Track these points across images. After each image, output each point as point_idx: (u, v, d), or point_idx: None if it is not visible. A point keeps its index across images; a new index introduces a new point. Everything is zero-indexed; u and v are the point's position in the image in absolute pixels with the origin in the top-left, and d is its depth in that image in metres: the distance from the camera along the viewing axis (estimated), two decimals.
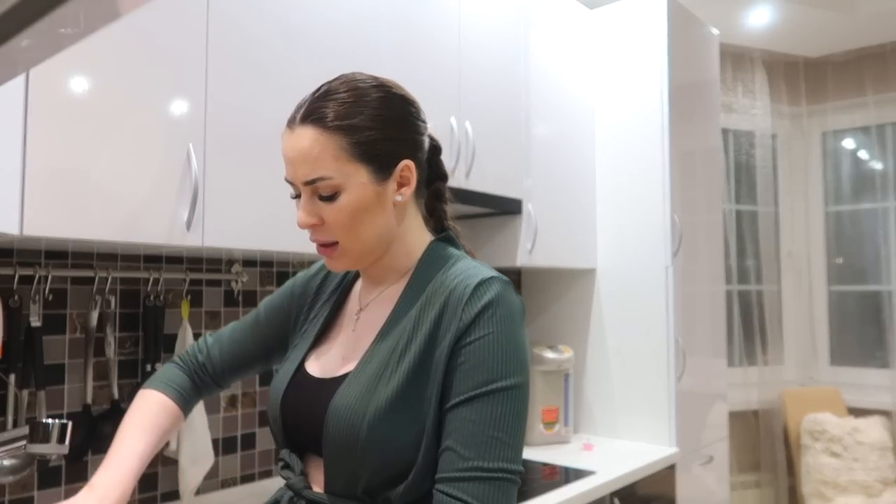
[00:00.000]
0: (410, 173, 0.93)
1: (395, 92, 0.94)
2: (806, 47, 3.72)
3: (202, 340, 1.13)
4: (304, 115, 0.89)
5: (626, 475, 2.07)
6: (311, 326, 1.05)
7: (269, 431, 1.91)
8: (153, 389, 1.07)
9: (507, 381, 0.84)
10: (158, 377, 1.09)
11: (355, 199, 0.89)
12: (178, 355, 1.14)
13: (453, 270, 0.92)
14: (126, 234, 1.26)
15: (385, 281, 0.99)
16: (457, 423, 0.83)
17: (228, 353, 1.11)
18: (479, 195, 2.06)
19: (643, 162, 2.51)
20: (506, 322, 0.86)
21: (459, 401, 0.84)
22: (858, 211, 3.73)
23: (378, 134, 0.89)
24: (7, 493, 1.42)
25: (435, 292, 0.91)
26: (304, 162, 0.88)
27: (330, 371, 0.96)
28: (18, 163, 1.13)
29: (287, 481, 0.94)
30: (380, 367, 0.88)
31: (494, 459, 0.81)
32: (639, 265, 2.50)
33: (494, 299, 0.86)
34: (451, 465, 0.82)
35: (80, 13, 0.30)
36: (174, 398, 1.07)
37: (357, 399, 0.86)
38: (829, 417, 3.38)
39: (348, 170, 0.88)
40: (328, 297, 1.07)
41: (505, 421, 0.83)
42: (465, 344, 0.85)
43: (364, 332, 0.97)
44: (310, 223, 0.91)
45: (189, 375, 1.10)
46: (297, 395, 0.96)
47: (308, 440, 0.93)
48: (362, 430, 0.84)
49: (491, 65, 2.15)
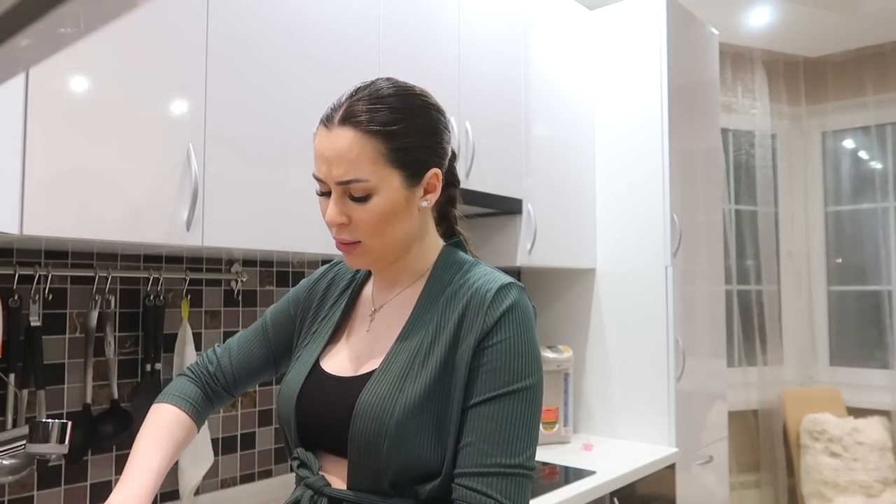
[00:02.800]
0: (437, 181, 0.96)
1: (430, 101, 0.97)
2: (806, 47, 3.72)
3: (211, 351, 1.15)
4: (343, 116, 0.90)
5: (626, 475, 2.07)
6: (323, 326, 1.06)
7: (268, 431, 1.91)
8: (166, 403, 1.07)
9: (526, 382, 0.89)
10: (170, 390, 1.09)
11: (386, 202, 0.91)
12: (188, 367, 1.15)
13: (472, 275, 0.96)
14: (126, 234, 1.26)
15: (399, 282, 1.02)
16: (478, 421, 0.87)
17: (238, 362, 1.12)
18: (479, 195, 2.06)
19: (643, 162, 2.51)
20: (524, 326, 0.91)
21: (481, 400, 0.88)
22: (858, 211, 3.73)
23: (414, 142, 0.92)
24: (7, 493, 1.42)
25: (454, 295, 0.95)
26: (341, 162, 0.89)
27: (347, 370, 0.97)
28: (18, 162, 1.13)
29: (305, 480, 0.94)
30: (405, 366, 0.91)
31: (514, 456, 0.86)
32: (638, 265, 2.50)
33: (514, 304, 0.91)
34: (473, 461, 0.86)
35: (80, 13, 0.30)
36: (187, 411, 1.07)
37: (384, 397, 0.88)
38: (828, 417, 3.38)
39: (383, 174, 0.90)
40: (337, 298, 1.08)
41: (523, 419, 0.88)
42: (487, 346, 0.89)
43: (381, 333, 0.99)
44: (338, 221, 0.92)
45: (201, 387, 1.11)
46: (315, 394, 0.97)
47: (326, 438, 0.94)
48: (390, 428, 0.86)
49: (491, 65, 2.15)
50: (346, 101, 0.92)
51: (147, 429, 1.03)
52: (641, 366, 2.47)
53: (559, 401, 2.43)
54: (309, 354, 1.02)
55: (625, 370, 2.51)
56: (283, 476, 1.93)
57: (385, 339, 0.98)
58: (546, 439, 2.40)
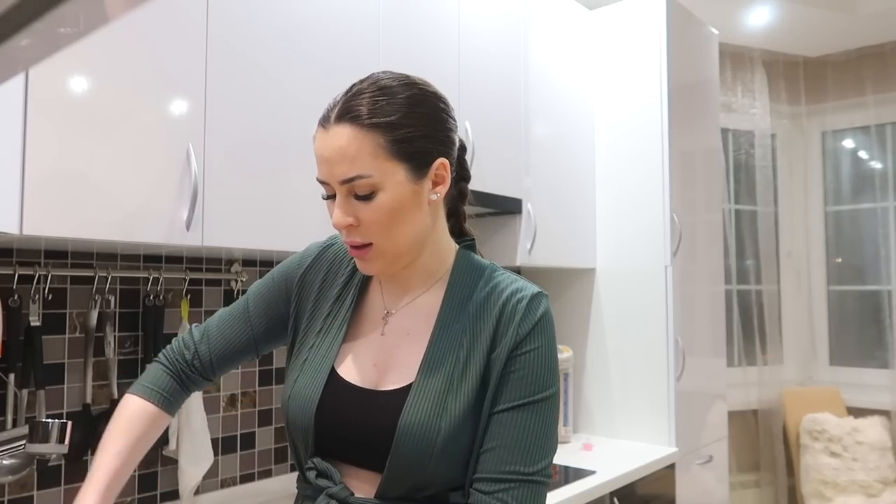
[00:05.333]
0: (445, 172, 0.92)
1: (428, 89, 0.93)
2: (805, 47, 3.72)
3: (188, 334, 1.08)
4: (339, 113, 0.87)
5: (626, 475, 2.07)
6: (331, 326, 1.00)
7: (268, 431, 1.91)
8: (134, 395, 1.04)
9: (550, 391, 0.90)
10: (141, 380, 1.06)
11: (393, 197, 0.87)
12: (163, 352, 1.09)
13: (497, 282, 0.96)
14: (126, 234, 1.26)
15: (413, 286, 0.98)
16: (501, 428, 0.88)
17: (217, 347, 1.06)
18: (478, 195, 2.06)
19: (643, 162, 2.51)
20: (551, 336, 0.93)
21: (507, 407, 0.89)
22: (858, 211, 3.73)
23: (415, 131, 0.88)
24: (7, 493, 1.42)
25: (484, 303, 0.94)
26: (342, 161, 0.86)
27: (369, 380, 0.93)
28: (18, 162, 1.13)
29: (327, 490, 0.91)
30: (445, 381, 0.89)
31: (532, 464, 0.87)
32: (638, 265, 2.50)
33: (545, 313, 0.93)
34: (492, 467, 0.87)
35: (80, 12, 0.30)
36: (156, 401, 1.03)
37: (429, 416, 0.87)
38: (828, 417, 3.38)
39: (386, 168, 0.87)
40: (340, 292, 1.02)
41: (544, 428, 0.89)
42: (519, 353, 0.90)
43: (399, 339, 0.95)
44: (346, 223, 0.88)
45: (174, 375, 1.06)
46: (339, 406, 0.92)
47: (355, 451, 0.91)
48: (437, 447, 0.85)
49: (490, 65, 2.15)
50: (341, 99, 0.90)
51: (111, 425, 1.00)
52: (641, 365, 2.47)
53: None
54: (320, 358, 0.97)
55: (624, 370, 2.51)
56: (283, 476, 1.93)
57: (407, 348, 0.94)
58: None
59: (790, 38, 3.59)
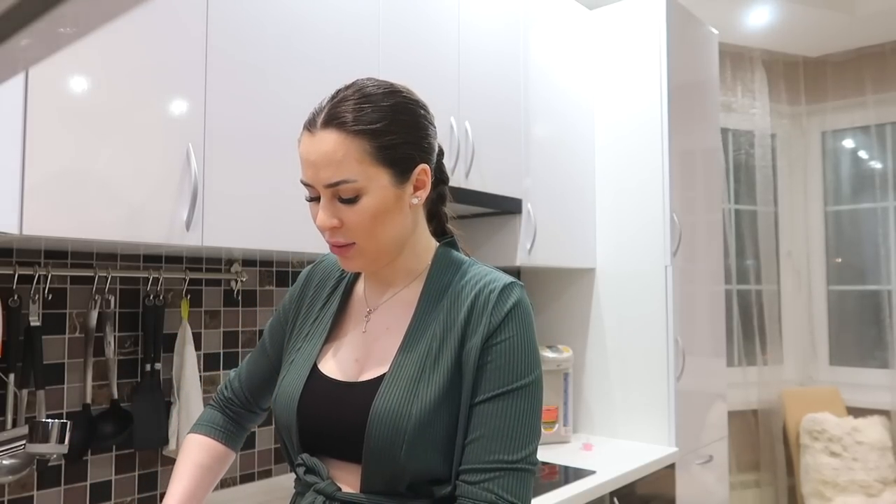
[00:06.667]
0: (426, 177, 0.96)
1: (411, 97, 0.96)
2: (805, 47, 3.72)
3: (228, 378, 1.20)
4: (325, 119, 0.90)
5: (626, 475, 2.07)
6: (315, 329, 1.05)
7: (268, 431, 1.91)
8: (193, 433, 1.14)
9: (529, 378, 0.92)
10: (198, 421, 1.16)
11: (376, 201, 0.91)
12: (213, 395, 1.21)
13: (472, 275, 0.98)
14: (126, 234, 1.26)
15: (394, 283, 1.02)
16: (483, 418, 0.90)
17: (246, 380, 1.16)
18: (478, 195, 2.06)
19: (642, 161, 2.51)
20: (526, 323, 0.94)
21: (486, 397, 0.90)
22: (858, 210, 3.74)
23: (399, 138, 0.91)
24: (7, 493, 1.43)
25: (458, 295, 0.96)
26: (328, 165, 0.89)
27: (348, 374, 0.97)
28: (18, 162, 1.13)
29: (315, 486, 0.94)
30: (417, 370, 0.91)
31: (516, 451, 0.89)
32: (638, 265, 2.50)
33: (518, 302, 0.94)
34: (477, 458, 0.88)
35: (80, 13, 0.30)
36: (212, 435, 1.13)
37: (400, 402, 0.89)
38: (828, 417, 3.38)
39: (371, 173, 0.89)
40: (327, 299, 1.07)
41: (526, 415, 0.90)
42: (493, 344, 0.92)
43: (379, 334, 0.99)
44: (330, 225, 0.92)
45: (222, 412, 1.16)
46: (318, 400, 0.96)
47: (334, 444, 0.94)
48: (408, 433, 0.87)
49: (490, 65, 2.15)
50: (327, 104, 0.92)
51: (177, 462, 1.10)
52: (641, 365, 2.47)
53: (559, 400, 2.43)
54: (304, 358, 1.01)
55: (624, 370, 2.51)
56: (282, 476, 1.93)
57: (385, 341, 0.97)
58: (546, 439, 2.40)
59: (790, 38, 3.59)
